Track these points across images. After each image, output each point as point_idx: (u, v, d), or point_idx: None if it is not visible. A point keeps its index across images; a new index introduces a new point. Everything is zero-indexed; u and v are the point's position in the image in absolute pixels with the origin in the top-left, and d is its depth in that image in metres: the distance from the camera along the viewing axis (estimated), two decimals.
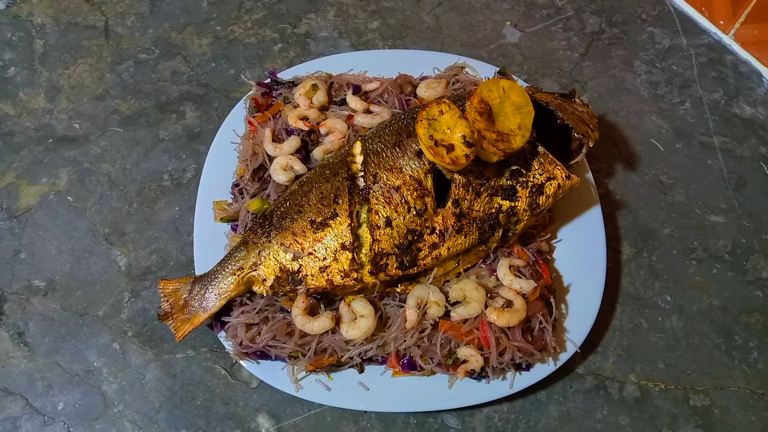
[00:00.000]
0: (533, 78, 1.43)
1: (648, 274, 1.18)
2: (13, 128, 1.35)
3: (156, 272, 1.18)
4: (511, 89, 1.02)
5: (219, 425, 1.04)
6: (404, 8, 1.54)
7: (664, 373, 1.09)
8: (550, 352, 1.01)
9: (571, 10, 1.54)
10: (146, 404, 1.06)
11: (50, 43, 1.48)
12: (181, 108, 1.38)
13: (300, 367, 1.00)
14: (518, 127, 1.01)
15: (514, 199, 1.04)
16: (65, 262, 1.19)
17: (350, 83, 1.23)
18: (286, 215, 1.03)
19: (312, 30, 1.50)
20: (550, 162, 1.06)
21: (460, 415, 1.05)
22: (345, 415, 1.05)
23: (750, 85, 1.41)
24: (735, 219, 1.24)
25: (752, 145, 1.33)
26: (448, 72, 1.27)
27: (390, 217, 0.99)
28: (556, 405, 1.06)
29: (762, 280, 1.18)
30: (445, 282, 1.05)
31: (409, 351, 1.00)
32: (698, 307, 1.15)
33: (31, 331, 1.12)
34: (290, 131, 1.16)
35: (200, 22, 1.52)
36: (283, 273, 1.01)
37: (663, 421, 1.05)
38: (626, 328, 1.13)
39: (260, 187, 1.14)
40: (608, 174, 1.29)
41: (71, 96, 1.40)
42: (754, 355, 1.11)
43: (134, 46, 1.48)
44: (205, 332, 1.10)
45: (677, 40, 1.49)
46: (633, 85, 1.42)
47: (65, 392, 1.07)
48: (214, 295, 1.01)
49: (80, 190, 1.27)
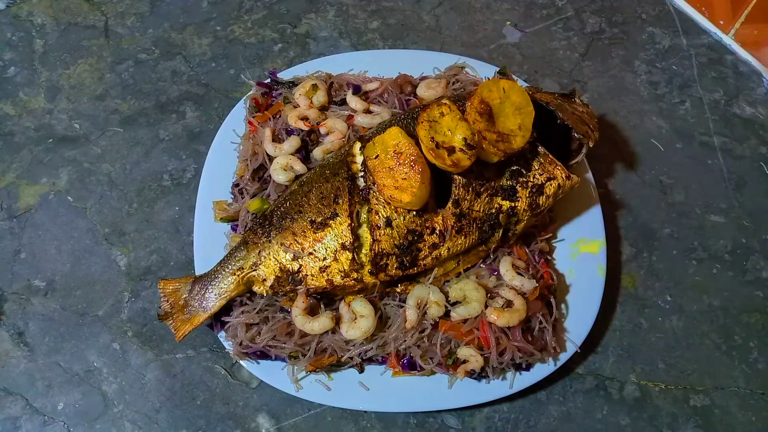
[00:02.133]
0: (533, 78, 1.43)
1: (648, 274, 1.18)
2: (13, 128, 1.35)
3: (156, 272, 1.18)
4: (511, 89, 1.02)
5: (219, 425, 1.04)
6: (404, 8, 1.54)
7: (664, 373, 1.09)
8: (550, 352, 1.01)
9: (571, 10, 1.54)
10: (146, 404, 1.06)
11: (50, 43, 1.48)
12: (181, 108, 1.38)
13: (300, 367, 1.00)
14: (518, 127, 1.01)
15: (514, 199, 1.04)
16: (65, 262, 1.19)
17: (350, 83, 1.23)
18: (286, 215, 1.03)
19: (312, 30, 1.50)
20: (550, 162, 1.06)
21: (460, 415, 1.05)
22: (345, 415, 1.05)
23: (750, 85, 1.41)
24: (735, 219, 1.24)
25: (752, 145, 1.33)
26: (448, 72, 1.27)
27: (390, 217, 0.99)
28: (556, 405, 1.06)
29: (762, 280, 1.18)
30: (445, 282, 1.05)
31: (409, 351, 1.00)
32: (698, 307, 1.15)
33: (31, 331, 1.12)
34: (290, 131, 1.16)
35: (200, 22, 1.52)
36: (283, 273, 1.01)
37: (663, 421, 1.05)
38: (626, 328, 1.13)
39: (260, 187, 1.14)
40: (608, 174, 1.29)
41: (71, 96, 1.40)
42: (754, 355, 1.11)
43: (134, 46, 1.48)
44: (205, 332, 1.10)
45: (677, 40, 1.49)
46: (633, 85, 1.42)
47: (65, 392, 1.07)
48: (214, 295, 1.01)
49: (80, 190, 1.27)
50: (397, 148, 0.97)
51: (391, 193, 0.96)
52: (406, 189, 0.95)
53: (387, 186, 0.96)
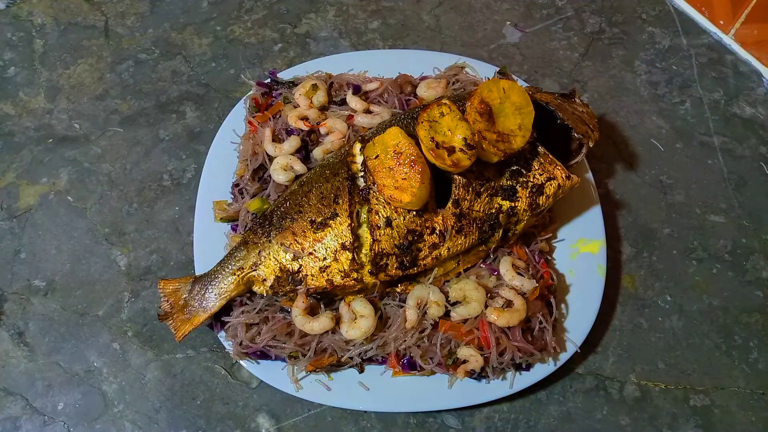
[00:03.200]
0: (533, 78, 1.43)
1: (648, 274, 1.18)
2: (13, 128, 1.35)
3: (156, 272, 1.18)
4: (511, 89, 1.02)
5: (219, 425, 1.05)
6: (404, 8, 1.54)
7: (664, 373, 1.09)
8: (550, 352, 1.01)
9: (571, 10, 1.54)
10: (146, 404, 1.06)
11: (50, 43, 1.48)
12: (181, 108, 1.38)
13: (300, 367, 1.00)
14: (518, 127, 1.01)
15: (514, 199, 1.04)
16: (65, 262, 1.19)
17: (350, 83, 1.23)
18: (286, 215, 1.03)
19: (312, 30, 1.50)
20: (550, 162, 1.06)
21: (460, 415, 1.05)
22: (345, 415, 1.05)
23: (750, 85, 1.41)
24: (735, 219, 1.24)
25: (752, 145, 1.33)
26: (448, 72, 1.27)
27: (390, 217, 0.99)
28: (556, 405, 1.06)
29: (762, 280, 1.18)
30: (445, 282, 1.05)
31: (409, 351, 1.00)
32: (698, 307, 1.15)
33: (31, 331, 1.13)
34: (290, 131, 1.16)
35: (200, 22, 1.52)
36: (283, 273, 1.01)
37: (663, 421, 1.05)
38: (626, 328, 1.13)
39: (260, 187, 1.14)
40: (608, 174, 1.29)
41: (71, 96, 1.40)
42: (754, 355, 1.11)
43: (134, 46, 1.48)
44: (205, 332, 1.10)
45: (677, 40, 1.49)
46: (633, 85, 1.42)
47: (65, 392, 1.07)
48: (214, 295, 1.01)
49: (80, 190, 1.27)
50: (397, 148, 0.97)
51: (391, 193, 0.96)
52: (406, 189, 0.95)
53: (387, 186, 0.96)
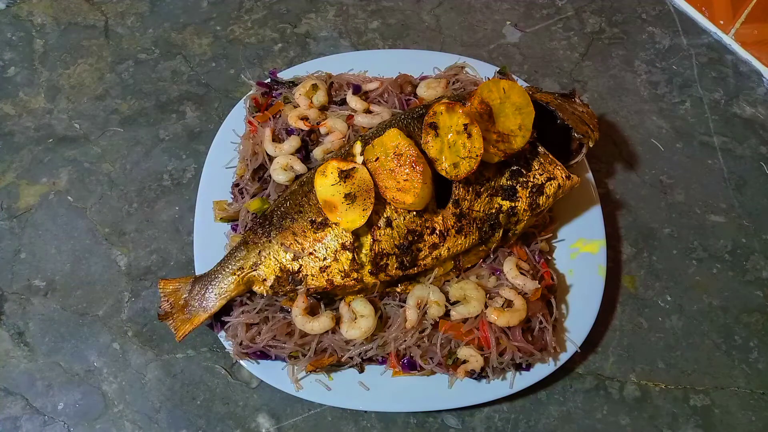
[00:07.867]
0: (533, 78, 1.43)
1: (648, 274, 1.18)
2: (13, 128, 1.35)
3: (156, 272, 1.18)
4: (511, 89, 1.02)
5: (219, 425, 1.05)
6: (404, 8, 1.54)
7: (664, 373, 1.09)
8: (550, 352, 1.01)
9: (571, 10, 1.54)
10: (146, 404, 1.06)
11: (50, 43, 1.48)
12: (181, 108, 1.38)
13: (300, 367, 1.00)
14: (518, 127, 1.01)
15: (514, 199, 1.04)
16: (65, 262, 1.19)
17: (350, 83, 1.23)
18: (286, 215, 1.03)
19: (312, 30, 1.50)
20: (550, 162, 1.06)
21: (460, 415, 1.05)
22: (345, 415, 1.05)
23: (750, 85, 1.41)
24: (735, 219, 1.24)
25: (752, 145, 1.33)
26: (448, 72, 1.27)
27: (390, 217, 0.99)
28: (556, 405, 1.06)
29: (762, 280, 1.18)
30: (445, 282, 1.05)
31: (409, 351, 1.00)
32: (698, 307, 1.15)
33: (31, 331, 1.12)
34: (290, 131, 1.16)
35: (200, 22, 1.52)
36: (283, 273, 1.01)
37: (663, 421, 1.05)
38: (626, 328, 1.13)
39: (260, 187, 1.14)
40: (608, 174, 1.29)
41: (71, 96, 1.40)
42: (754, 355, 1.11)
43: (134, 46, 1.48)
44: (205, 332, 1.10)
45: (677, 40, 1.49)
46: (633, 85, 1.42)
47: (65, 392, 1.07)
48: (214, 295, 1.01)
49: (80, 190, 1.27)
50: (397, 149, 0.97)
51: (393, 194, 0.96)
52: (409, 190, 0.95)
53: (389, 188, 0.96)
